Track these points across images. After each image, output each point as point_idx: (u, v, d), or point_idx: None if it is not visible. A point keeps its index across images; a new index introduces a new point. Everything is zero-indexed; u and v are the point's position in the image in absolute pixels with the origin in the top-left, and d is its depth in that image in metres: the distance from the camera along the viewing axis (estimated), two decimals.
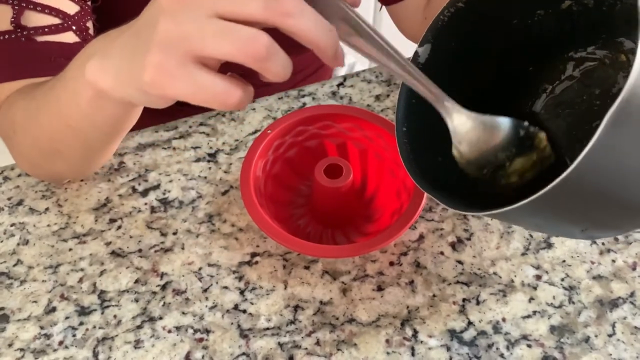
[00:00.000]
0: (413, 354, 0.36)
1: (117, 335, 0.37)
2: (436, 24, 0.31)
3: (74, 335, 0.37)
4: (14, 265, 0.40)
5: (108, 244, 0.41)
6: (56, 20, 0.39)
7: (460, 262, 0.40)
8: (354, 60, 0.77)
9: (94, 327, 0.38)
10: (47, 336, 0.37)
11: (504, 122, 0.29)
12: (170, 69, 0.24)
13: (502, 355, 0.36)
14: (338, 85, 0.51)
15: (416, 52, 0.32)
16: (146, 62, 0.24)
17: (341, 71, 0.73)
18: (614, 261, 0.40)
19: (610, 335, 0.37)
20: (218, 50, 0.23)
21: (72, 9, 0.40)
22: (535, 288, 0.39)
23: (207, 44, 0.23)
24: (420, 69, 0.29)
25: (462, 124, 0.28)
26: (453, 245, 0.41)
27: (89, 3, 0.42)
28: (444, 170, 0.29)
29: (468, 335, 0.37)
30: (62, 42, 0.39)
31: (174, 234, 0.42)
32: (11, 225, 0.42)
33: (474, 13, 0.31)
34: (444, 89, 0.27)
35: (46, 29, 0.38)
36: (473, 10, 0.31)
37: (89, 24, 0.42)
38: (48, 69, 0.38)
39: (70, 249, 0.41)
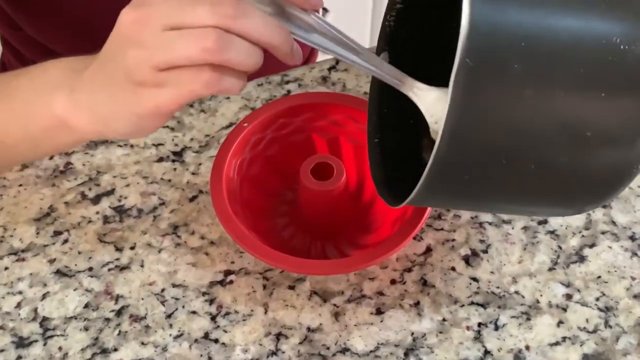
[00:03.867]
0: None
1: None
2: (384, 31, 0.37)
3: None
4: None
5: (52, 261, 0.42)
6: None
7: (475, 279, 0.41)
8: None
9: None
10: None
11: None
12: (156, 81, 0.31)
13: None
14: (329, 69, 0.52)
15: None
16: (135, 89, 0.32)
17: None
18: None
19: None
20: (178, 54, 0.30)
21: None
22: (564, 309, 0.40)
23: (167, 53, 0.30)
24: None
25: (435, 100, 0.32)
26: (466, 259, 0.42)
27: None
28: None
29: None
30: None
31: (132, 248, 0.43)
32: None
33: (415, 8, 0.36)
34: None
35: None
36: (413, 5, 0.36)
37: None
38: None
39: (6, 268, 0.42)
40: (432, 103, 0.32)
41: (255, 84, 0.51)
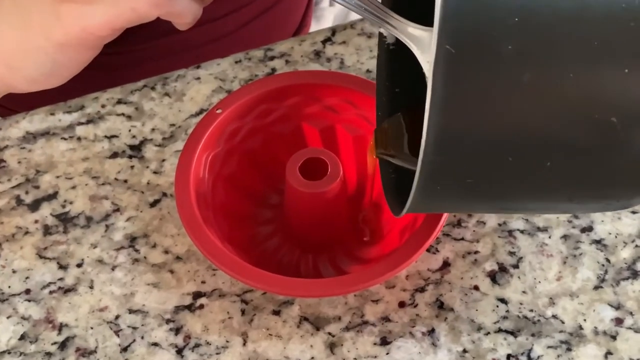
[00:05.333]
0: None
1: None
2: None
3: None
4: None
5: None
6: None
7: (503, 300, 0.40)
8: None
9: None
10: None
11: None
12: None
13: None
14: (324, 42, 0.51)
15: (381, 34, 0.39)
16: (55, 5, 0.30)
17: (327, 21, 0.74)
18: None
19: None
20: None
21: None
22: (614, 337, 0.39)
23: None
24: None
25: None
26: (493, 276, 0.41)
27: None
28: None
29: None
30: None
31: (79, 266, 0.42)
32: None
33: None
34: None
35: None
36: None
37: None
38: None
39: None
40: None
41: (231, 60, 0.50)
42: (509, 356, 0.38)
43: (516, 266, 0.41)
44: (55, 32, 0.31)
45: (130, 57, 0.56)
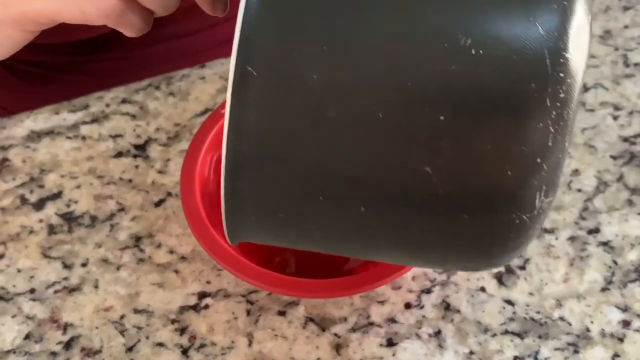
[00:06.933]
0: None
1: None
2: None
3: None
4: None
5: None
6: None
7: (510, 302, 0.40)
8: None
9: None
10: None
11: None
12: None
13: None
14: None
15: None
16: None
17: None
18: None
19: None
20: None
21: None
22: (621, 340, 0.39)
23: None
24: None
25: None
26: (499, 278, 0.41)
27: None
28: None
29: None
30: None
31: (84, 265, 0.42)
32: None
33: None
34: None
35: None
36: None
37: None
38: None
39: None
40: None
41: None
42: (515, 358, 0.38)
43: (523, 268, 0.41)
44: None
45: (129, 64, 0.56)
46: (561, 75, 0.24)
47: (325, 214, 0.27)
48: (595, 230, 0.43)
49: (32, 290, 0.41)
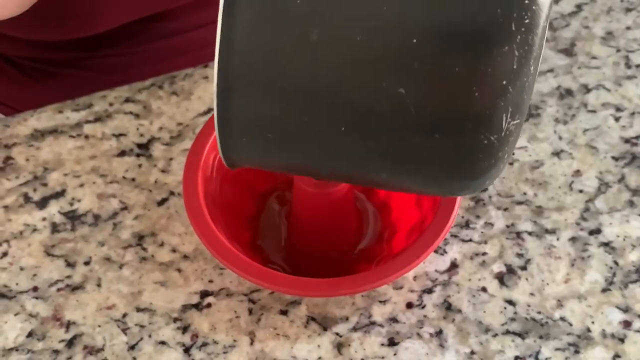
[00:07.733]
0: None
1: None
2: None
3: None
4: None
5: None
6: None
7: (511, 302, 0.40)
8: None
9: None
10: None
11: None
12: None
13: None
14: None
15: None
16: None
17: None
18: None
19: None
20: None
21: None
22: (622, 340, 0.39)
23: None
24: None
25: None
26: (501, 278, 0.41)
27: None
28: None
29: None
30: None
31: (86, 263, 0.42)
32: None
33: None
34: None
35: None
36: None
37: None
38: None
39: None
40: None
41: None
42: (516, 358, 0.38)
43: (524, 268, 0.42)
44: None
45: (132, 59, 0.57)
46: (526, 1, 0.26)
47: (310, 135, 0.29)
48: (596, 231, 0.43)
49: (35, 289, 0.41)
